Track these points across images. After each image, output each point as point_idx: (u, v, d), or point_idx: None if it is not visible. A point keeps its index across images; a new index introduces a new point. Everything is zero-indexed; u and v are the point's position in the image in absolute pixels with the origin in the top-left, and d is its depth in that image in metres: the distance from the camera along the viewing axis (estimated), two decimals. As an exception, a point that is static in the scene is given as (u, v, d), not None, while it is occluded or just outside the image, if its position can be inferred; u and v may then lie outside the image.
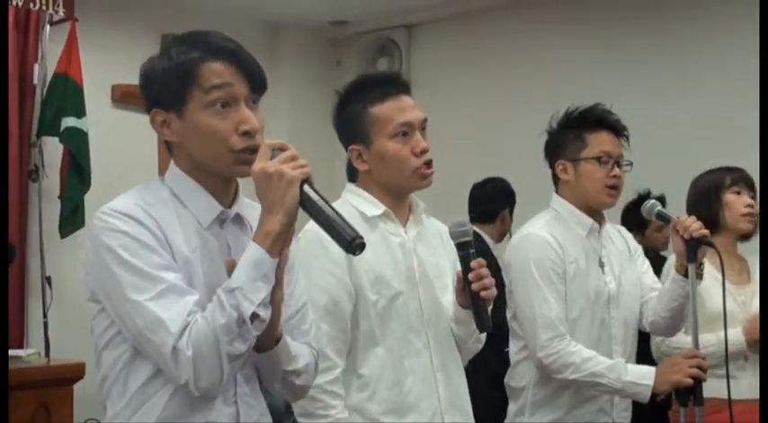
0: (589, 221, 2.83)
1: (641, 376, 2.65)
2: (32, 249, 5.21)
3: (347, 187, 2.49)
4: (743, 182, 3.22)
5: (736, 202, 3.18)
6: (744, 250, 3.32)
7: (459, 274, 2.30)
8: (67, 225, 5.08)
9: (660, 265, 3.13)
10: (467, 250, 2.29)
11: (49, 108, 5.10)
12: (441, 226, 2.52)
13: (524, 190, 4.70)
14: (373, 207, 2.40)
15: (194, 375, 1.63)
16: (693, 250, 2.64)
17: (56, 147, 5.19)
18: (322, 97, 5.78)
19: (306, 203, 1.66)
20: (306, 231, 2.35)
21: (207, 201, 1.79)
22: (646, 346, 3.07)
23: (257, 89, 1.78)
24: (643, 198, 4.48)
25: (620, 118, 2.86)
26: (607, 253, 2.86)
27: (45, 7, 5.03)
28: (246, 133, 1.73)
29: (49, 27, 5.20)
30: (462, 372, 2.50)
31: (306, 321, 1.92)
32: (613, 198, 2.83)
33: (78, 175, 5.12)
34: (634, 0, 5.52)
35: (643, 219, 3.31)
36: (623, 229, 3.05)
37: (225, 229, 1.80)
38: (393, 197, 2.42)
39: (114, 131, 5.46)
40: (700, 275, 2.71)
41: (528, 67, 5.90)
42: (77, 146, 5.11)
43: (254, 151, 1.71)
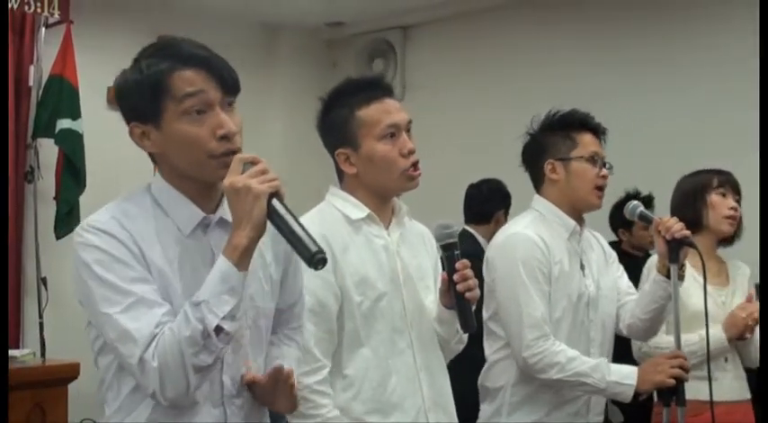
0: (572, 223, 2.82)
1: (624, 376, 2.66)
2: (28, 250, 5.24)
3: (331, 190, 2.51)
4: (729, 185, 3.21)
5: (721, 203, 3.17)
6: (722, 254, 3.32)
7: (444, 275, 2.32)
8: (63, 226, 5.11)
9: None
10: (451, 251, 2.31)
11: (45, 110, 5.14)
12: (422, 228, 2.55)
13: (521, 191, 4.69)
14: (357, 210, 2.42)
15: (160, 385, 1.67)
16: (675, 251, 2.65)
17: (51, 148, 5.22)
18: (318, 98, 5.79)
19: (273, 217, 1.69)
20: None
21: (188, 208, 1.81)
22: (624, 349, 3.07)
23: (230, 91, 1.79)
24: (631, 197, 4.48)
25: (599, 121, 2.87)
26: (587, 256, 2.87)
27: (40, 10, 5.07)
28: (224, 137, 1.75)
29: (44, 29, 5.24)
30: (446, 371, 2.52)
31: (299, 317, 2.03)
32: (601, 199, 2.83)
33: (73, 177, 5.15)
34: (632, 0, 5.54)
35: None
36: (599, 235, 3.03)
37: (208, 235, 1.82)
38: (378, 200, 2.45)
39: (109, 133, 5.34)
40: (681, 276, 2.72)
41: (524, 68, 5.92)
42: (73, 147, 5.14)
43: (234, 154, 1.74)
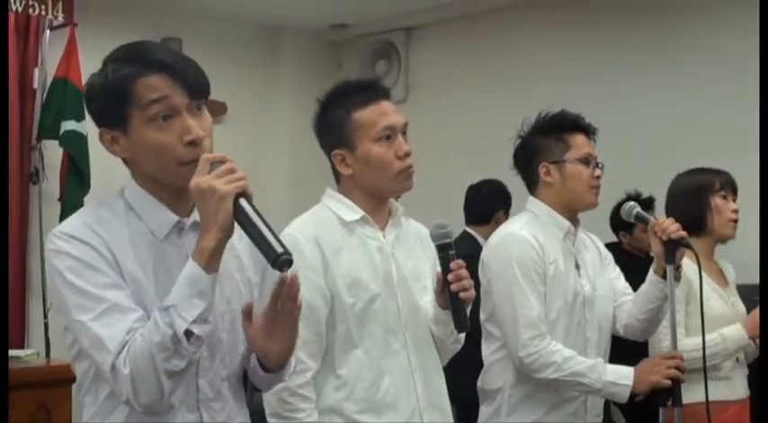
0: (566, 224, 2.84)
1: (621, 376, 2.67)
2: (33, 251, 5.27)
3: (327, 192, 2.52)
4: (729, 186, 3.20)
5: (724, 206, 3.15)
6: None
7: (439, 275, 2.33)
8: (67, 227, 5.12)
9: (648, 266, 3.12)
10: (446, 252, 2.32)
11: (49, 112, 5.17)
12: (421, 228, 2.56)
13: (524, 192, 4.71)
14: (352, 212, 2.44)
15: (133, 392, 1.66)
16: (671, 252, 2.65)
17: (56, 150, 5.26)
18: (316, 100, 5.80)
19: (239, 217, 1.66)
20: (284, 236, 2.36)
21: (162, 213, 1.80)
22: (623, 349, 3.06)
23: (198, 95, 1.76)
24: (632, 199, 4.47)
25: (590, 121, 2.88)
26: (582, 256, 2.88)
27: (45, 12, 5.11)
28: (192, 143, 1.73)
29: (48, 32, 5.27)
30: (441, 372, 2.53)
31: None
32: (597, 198, 2.85)
33: (78, 178, 5.18)
34: (635, 0, 5.54)
35: None
36: (594, 236, 3.04)
37: (183, 238, 1.80)
38: (374, 201, 2.46)
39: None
40: (678, 277, 2.72)
41: (527, 69, 5.93)
42: (77, 149, 5.16)
43: None
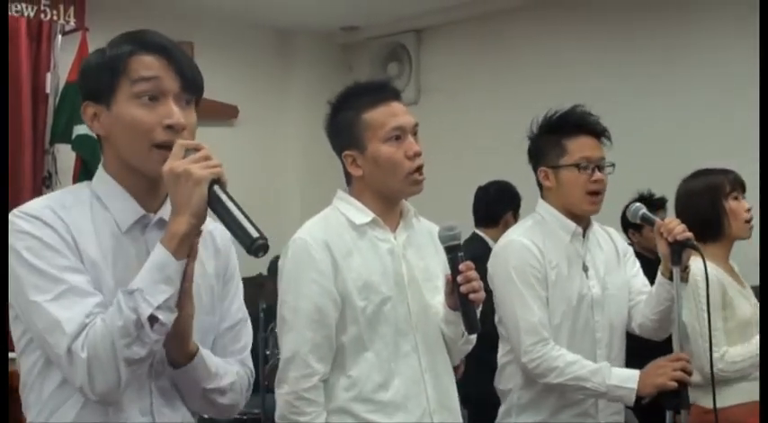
0: (572, 226, 2.83)
1: (625, 379, 2.66)
2: (46, 255, 5.29)
3: (338, 194, 2.53)
4: (738, 185, 3.15)
5: (738, 208, 3.09)
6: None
7: (449, 277, 2.33)
8: (80, 230, 5.16)
9: (658, 267, 3.11)
10: (455, 253, 2.32)
11: (62, 116, 5.23)
12: (432, 226, 2.54)
13: (536, 193, 4.71)
14: (362, 215, 2.44)
15: (89, 379, 1.58)
16: (678, 253, 2.63)
17: (68, 154, 5.31)
18: (327, 102, 5.82)
19: (214, 203, 1.62)
20: (294, 240, 2.41)
21: (128, 204, 1.74)
22: (636, 347, 3.04)
23: (190, 89, 1.74)
24: (644, 198, 4.45)
25: (598, 119, 2.83)
26: (592, 257, 2.86)
27: (56, 17, 5.17)
28: (170, 127, 1.69)
29: (60, 37, 5.33)
30: (451, 372, 2.54)
31: (240, 339, 1.86)
32: (595, 205, 2.81)
33: (90, 182, 5.20)
34: (647, 1, 5.54)
35: None
36: (613, 231, 3.01)
37: (146, 235, 1.74)
38: (385, 203, 2.46)
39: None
40: (685, 279, 2.70)
41: (538, 70, 5.93)
42: (89, 153, 5.18)
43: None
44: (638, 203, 2.83)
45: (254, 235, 1.60)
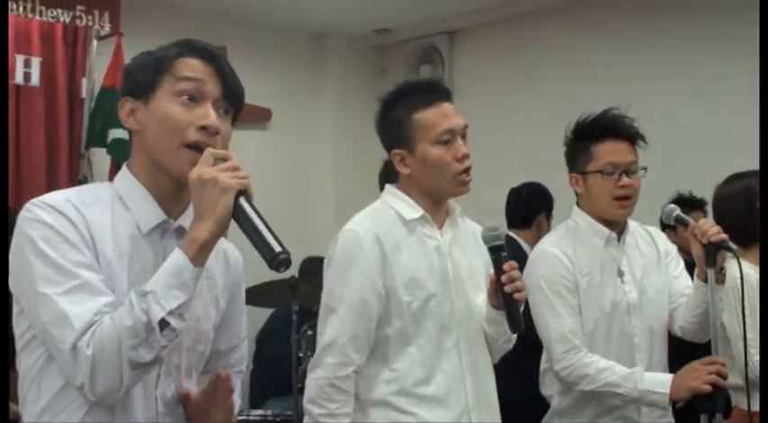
0: (605, 232, 2.83)
1: (658, 384, 2.65)
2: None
3: (387, 189, 2.56)
4: None
5: None
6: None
7: (492, 277, 2.36)
8: (116, 233, 5.20)
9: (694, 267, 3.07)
10: (499, 254, 2.35)
11: (97, 120, 5.26)
12: (476, 226, 2.58)
13: (569, 194, 4.70)
14: (412, 210, 2.48)
15: (91, 378, 1.55)
16: (712, 255, 2.61)
17: (103, 158, 5.35)
18: (367, 104, 5.76)
19: (237, 215, 1.62)
20: (344, 231, 2.45)
21: (151, 207, 1.73)
22: (678, 351, 3.01)
23: (230, 97, 1.76)
24: (684, 199, 4.42)
25: (633, 122, 2.81)
26: (629, 260, 2.85)
27: (92, 23, 5.21)
28: (204, 128, 1.69)
29: (95, 42, 5.37)
30: (491, 371, 2.56)
31: (242, 362, 1.94)
32: (624, 209, 2.80)
33: (125, 185, 5.24)
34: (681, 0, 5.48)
35: None
36: (655, 230, 2.99)
37: (165, 241, 1.73)
38: (432, 201, 2.50)
39: (160, 142, 5.56)
40: (720, 280, 2.68)
41: (571, 71, 5.89)
42: (124, 156, 5.15)
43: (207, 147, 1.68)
44: (673, 205, 2.80)
45: (277, 249, 1.59)
